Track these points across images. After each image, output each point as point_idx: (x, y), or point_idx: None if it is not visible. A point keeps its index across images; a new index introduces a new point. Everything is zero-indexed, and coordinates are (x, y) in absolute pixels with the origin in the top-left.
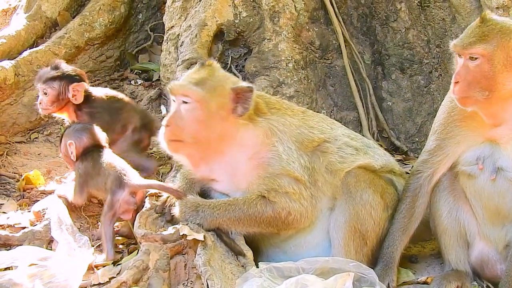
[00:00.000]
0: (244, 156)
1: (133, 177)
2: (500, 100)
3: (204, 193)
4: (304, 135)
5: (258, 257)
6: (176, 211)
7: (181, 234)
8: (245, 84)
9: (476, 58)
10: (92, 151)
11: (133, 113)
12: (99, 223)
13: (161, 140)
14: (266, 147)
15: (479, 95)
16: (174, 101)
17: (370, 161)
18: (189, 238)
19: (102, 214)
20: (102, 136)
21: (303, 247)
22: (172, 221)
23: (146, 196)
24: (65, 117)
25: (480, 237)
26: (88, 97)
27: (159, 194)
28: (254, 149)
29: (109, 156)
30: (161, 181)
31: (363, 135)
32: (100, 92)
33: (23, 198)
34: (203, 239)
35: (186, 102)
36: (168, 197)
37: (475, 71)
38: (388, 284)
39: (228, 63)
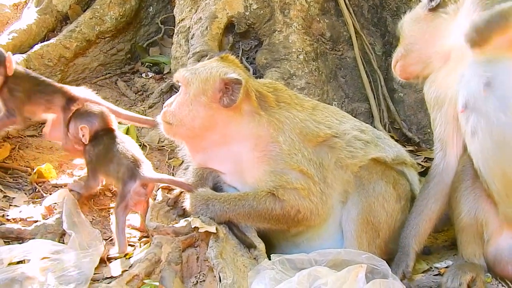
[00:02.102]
0: (246, 148)
1: (145, 169)
2: None
3: (217, 187)
4: (308, 129)
5: (270, 250)
6: (186, 204)
7: (192, 226)
8: (235, 75)
9: None
10: (103, 134)
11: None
12: (110, 216)
13: (158, 121)
14: (267, 139)
15: None
16: None
17: (381, 155)
18: (201, 230)
19: (115, 205)
20: (112, 119)
21: (316, 241)
22: (184, 215)
23: (158, 189)
24: None
25: (497, 232)
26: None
27: (171, 188)
28: (255, 140)
29: (123, 143)
30: (172, 174)
31: (374, 127)
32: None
33: (35, 191)
34: (215, 231)
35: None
36: (181, 191)
37: None
38: (403, 271)
39: (239, 55)
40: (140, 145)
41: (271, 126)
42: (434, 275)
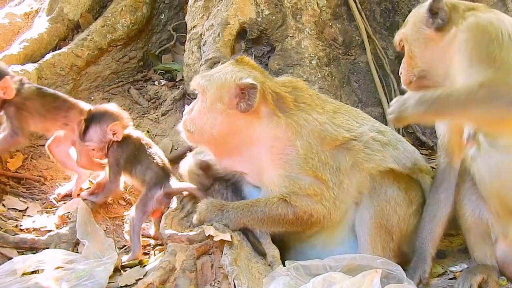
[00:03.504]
0: (264, 149)
1: (172, 179)
2: None
3: (236, 187)
4: (327, 132)
5: (286, 253)
6: (202, 208)
7: (206, 235)
8: (249, 80)
9: None
10: (126, 136)
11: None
12: (124, 224)
13: (179, 129)
14: (283, 142)
15: None
16: None
17: (398, 167)
18: (216, 239)
19: (134, 208)
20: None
21: (331, 243)
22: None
23: (173, 196)
24: None
25: (500, 237)
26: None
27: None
28: (273, 142)
29: (153, 148)
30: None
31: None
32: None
33: (48, 201)
34: (230, 240)
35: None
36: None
37: None
38: (420, 276)
39: None
40: None
41: (289, 129)
42: (449, 278)
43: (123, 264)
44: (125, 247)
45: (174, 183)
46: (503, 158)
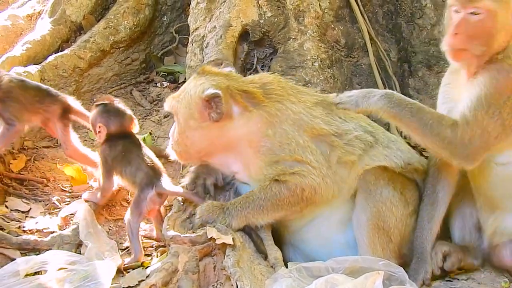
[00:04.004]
0: (244, 147)
1: (163, 180)
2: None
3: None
4: (302, 121)
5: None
6: (202, 210)
7: (209, 237)
8: (211, 91)
9: (478, 13)
10: (122, 136)
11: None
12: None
13: (169, 152)
14: (257, 134)
15: (477, 49)
16: None
17: (389, 163)
18: (218, 242)
19: (128, 211)
20: (134, 122)
21: (322, 238)
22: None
23: (174, 199)
24: None
25: (484, 227)
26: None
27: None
28: (248, 137)
29: (143, 149)
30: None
31: (391, 132)
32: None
33: (51, 202)
34: (232, 243)
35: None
36: None
37: (477, 26)
38: (423, 278)
39: (253, 64)
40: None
41: (261, 121)
42: (448, 280)
43: (125, 265)
44: (127, 249)
45: (166, 183)
46: (496, 170)
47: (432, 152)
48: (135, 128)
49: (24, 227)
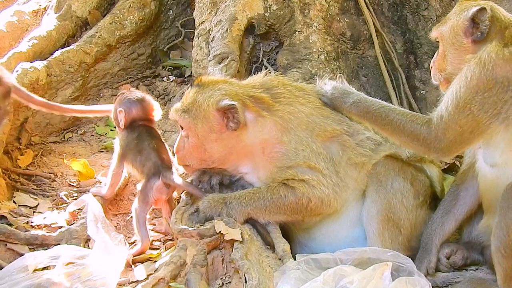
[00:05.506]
0: (258, 151)
1: (171, 171)
2: None
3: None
4: (315, 123)
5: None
6: (204, 205)
7: (217, 231)
8: (227, 102)
9: None
10: (141, 125)
11: None
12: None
13: (176, 166)
14: (272, 142)
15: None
16: None
17: (396, 151)
18: (226, 238)
19: (136, 200)
20: (155, 112)
21: (331, 237)
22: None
23: (183, 192)
24: None
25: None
26: None
27: None
28: (263, 144)
29: (156, 139)
30: None
31: None
32: None
33: (59, 197)
34: (241, 239)
35: (182, 127)
36: None
37: None
38: (426, 267)
39: (259, 57)
40: None
41: (275, 127)
42: (459, 271)
43: (134, 259)
44: (135, 243)
45: (173, 175)
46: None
47: (410, 149)
48: (157, 115)
49: (32, 222)
